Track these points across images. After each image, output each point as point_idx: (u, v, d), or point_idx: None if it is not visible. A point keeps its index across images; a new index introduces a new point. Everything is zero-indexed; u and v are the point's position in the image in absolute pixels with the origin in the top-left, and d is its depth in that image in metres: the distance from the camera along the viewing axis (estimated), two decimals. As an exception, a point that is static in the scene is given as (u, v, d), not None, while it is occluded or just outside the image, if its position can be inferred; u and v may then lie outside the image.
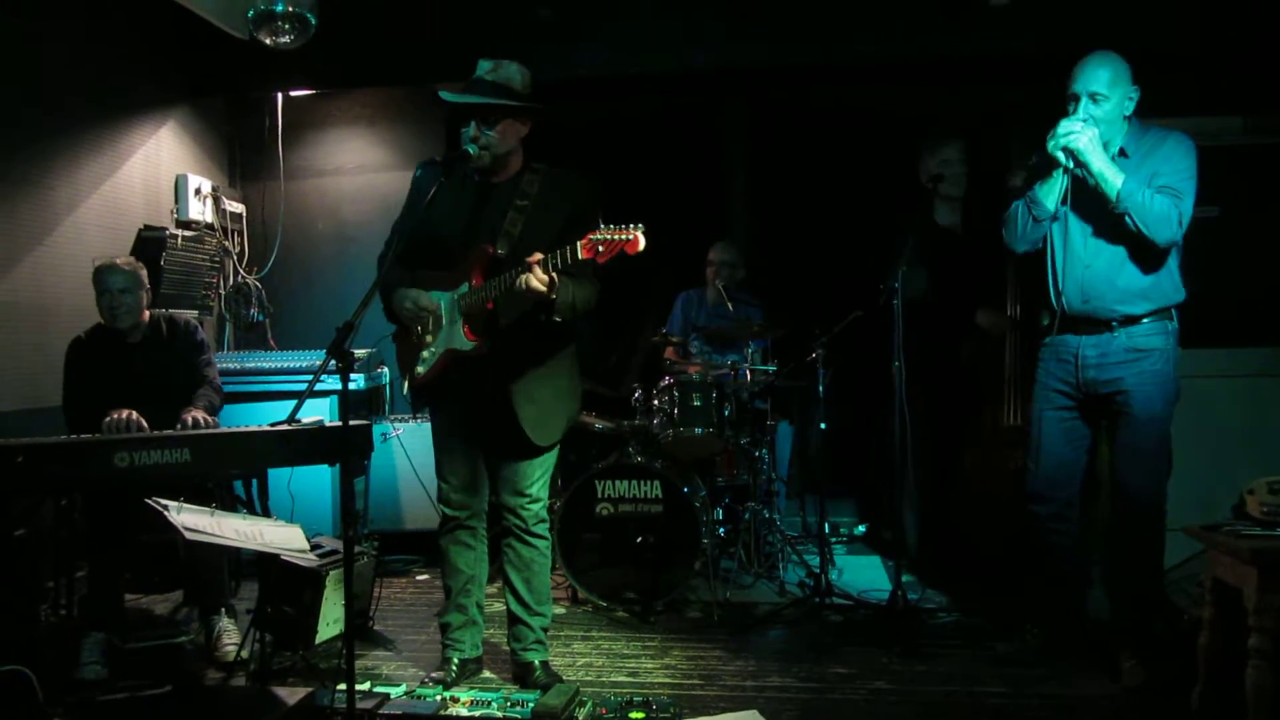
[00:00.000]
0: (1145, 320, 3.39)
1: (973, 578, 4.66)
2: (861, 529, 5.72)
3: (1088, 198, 3.38)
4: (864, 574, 4.96)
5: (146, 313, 4.01)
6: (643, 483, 4.39)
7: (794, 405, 5.46)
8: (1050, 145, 3.34)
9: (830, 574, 4.44)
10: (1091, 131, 3.28)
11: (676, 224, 5.73)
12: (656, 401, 4.69)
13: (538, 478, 3.42)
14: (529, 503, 3.41)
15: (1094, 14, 4.59)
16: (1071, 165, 3.35)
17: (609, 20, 5.06)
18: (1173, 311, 3.43)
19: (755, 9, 4.87)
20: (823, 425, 4.55)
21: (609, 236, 2.88)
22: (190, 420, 3.75)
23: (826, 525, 4.62)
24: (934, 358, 4.68)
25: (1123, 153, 3.39)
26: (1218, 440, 4.95)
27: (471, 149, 3.21)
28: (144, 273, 3.98)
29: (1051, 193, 3.44)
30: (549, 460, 3.45)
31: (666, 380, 4.70)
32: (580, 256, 2.92)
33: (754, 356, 4.92)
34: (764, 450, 4.94)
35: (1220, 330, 5.09)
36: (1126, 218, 3.28)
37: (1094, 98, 3.32)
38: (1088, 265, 3.41)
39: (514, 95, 3.26)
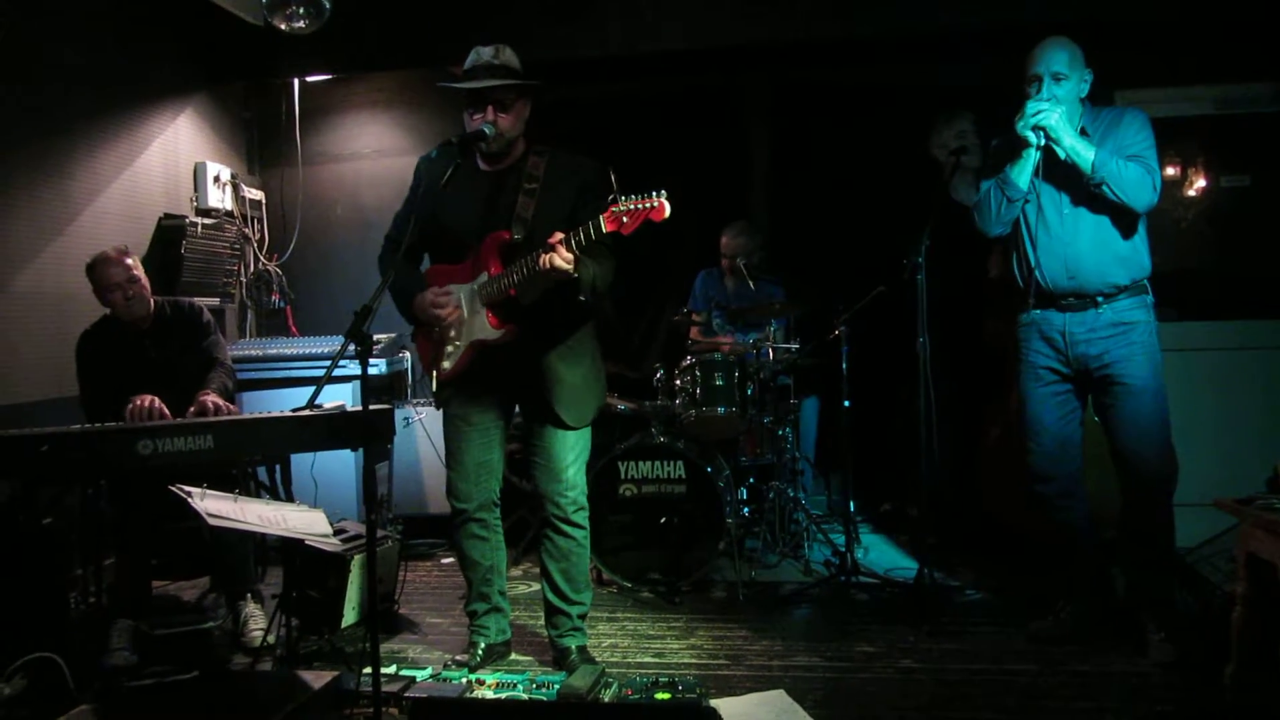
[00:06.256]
0: (1124, 295, 3.41)
1: (998, 555, 4.63)
2: (887, 507, 5.68)
3: (1059, 174, 3.43)
4: (889, 552, 4.93)
5: (152, 299, 3.98)
6: (666, 463, 4.37)
7: (821, 379, 5.40)
8: (1020, 126, 3.39)
9: (856, 552, 4.42)
10: (1059, 109, 3.35)
11: (698, 203, 5.69)
12: (679, 381, 4.66)
13: (571, 461, 3.39)
14: (566, 489, 3.38)
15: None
16: (1042, 142, 3.39)
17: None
18: (1147, 284, 3.47)
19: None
20: (846, 403, 4.51)
21: (633, 206, 2.83)
22: (210, 405, 3.70)
23: (852, 503, 4.60)
24: (957, 334, 4.61)
25: (1084, 131, 3.44)
26: (1244, 413, 4.89)
27: (487, 128, 3.18)
28: (135, 257, 3.92)
29: (1024, 172, 3.47)
30: (581, 445, 3.43)
31: (688, 360, 4.67)
32: (604, 230, 2.88)
33: (776, 334, 4.88)
34: (787, 429, 4.91)
35: (1248, 302, 5.02)
36: (1104, 187, 3.32)
37: (1056, 78, 3.39)
38: (1069, 243, 3.43)
39: (518, 77, 3.25)
